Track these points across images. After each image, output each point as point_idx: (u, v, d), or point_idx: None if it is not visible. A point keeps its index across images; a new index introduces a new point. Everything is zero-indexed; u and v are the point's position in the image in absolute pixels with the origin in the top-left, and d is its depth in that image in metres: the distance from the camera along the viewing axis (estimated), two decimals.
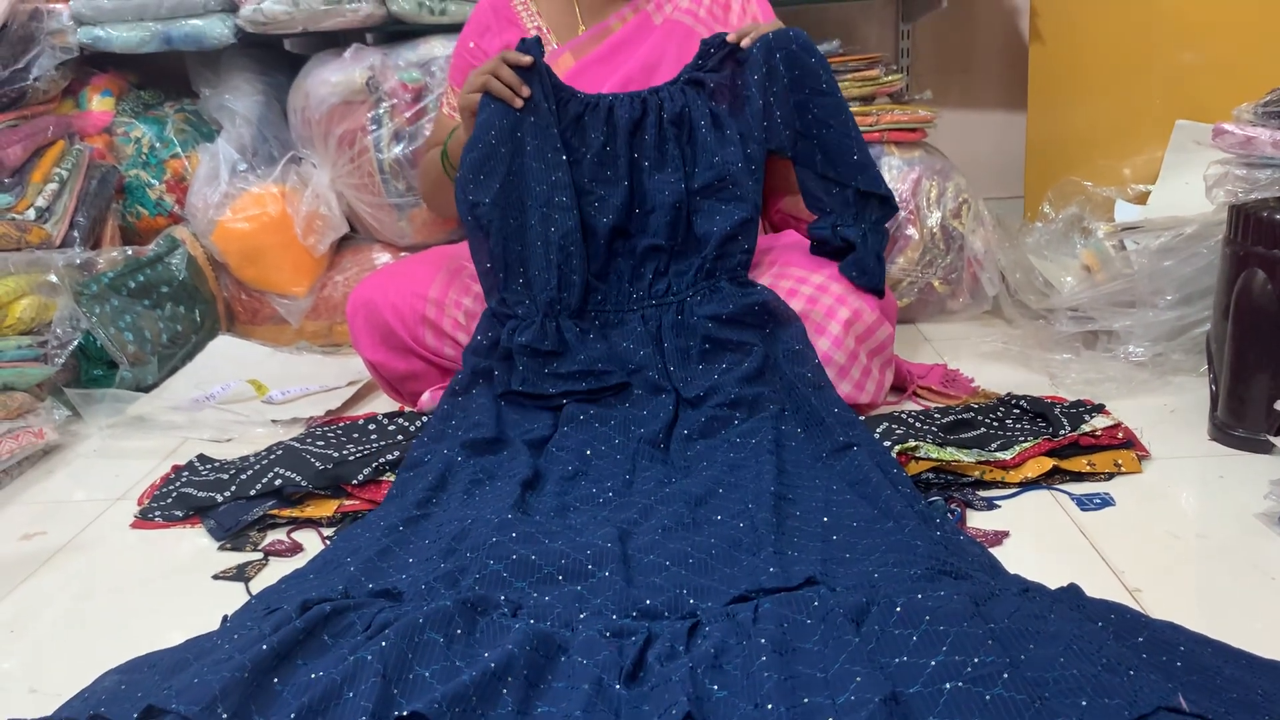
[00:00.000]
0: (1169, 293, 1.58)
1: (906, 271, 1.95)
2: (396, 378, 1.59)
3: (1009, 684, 0.78)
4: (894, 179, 1.94)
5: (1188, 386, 1.54)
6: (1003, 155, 2.40)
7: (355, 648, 0.87)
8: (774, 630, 0.87)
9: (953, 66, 2.43)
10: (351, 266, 2.07)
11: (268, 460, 1.36)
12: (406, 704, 0.80)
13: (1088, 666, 0.80)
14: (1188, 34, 1.80)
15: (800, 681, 0.82)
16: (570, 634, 0.90)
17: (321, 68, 1.97)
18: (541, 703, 0.83)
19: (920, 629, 0.85)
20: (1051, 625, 0.85)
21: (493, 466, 1.29)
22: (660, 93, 1.48)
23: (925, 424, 1.36)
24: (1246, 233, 1.32)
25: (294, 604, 0.93)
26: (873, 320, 1.44)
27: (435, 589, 1.00)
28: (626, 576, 1.00)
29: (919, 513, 1.11)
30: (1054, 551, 1.12)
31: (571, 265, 1.44)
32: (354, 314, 1.57)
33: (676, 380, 1.42)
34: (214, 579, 1.17)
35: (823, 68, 1.43)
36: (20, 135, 1.81)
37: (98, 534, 1.32)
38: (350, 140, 1.95)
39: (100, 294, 1.76)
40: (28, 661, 1.03)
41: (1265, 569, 1.05)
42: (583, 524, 1.14)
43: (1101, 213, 1.80)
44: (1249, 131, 1.44)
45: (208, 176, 2.00)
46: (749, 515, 1.11)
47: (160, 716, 0.80)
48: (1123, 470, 1.28)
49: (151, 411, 1.67)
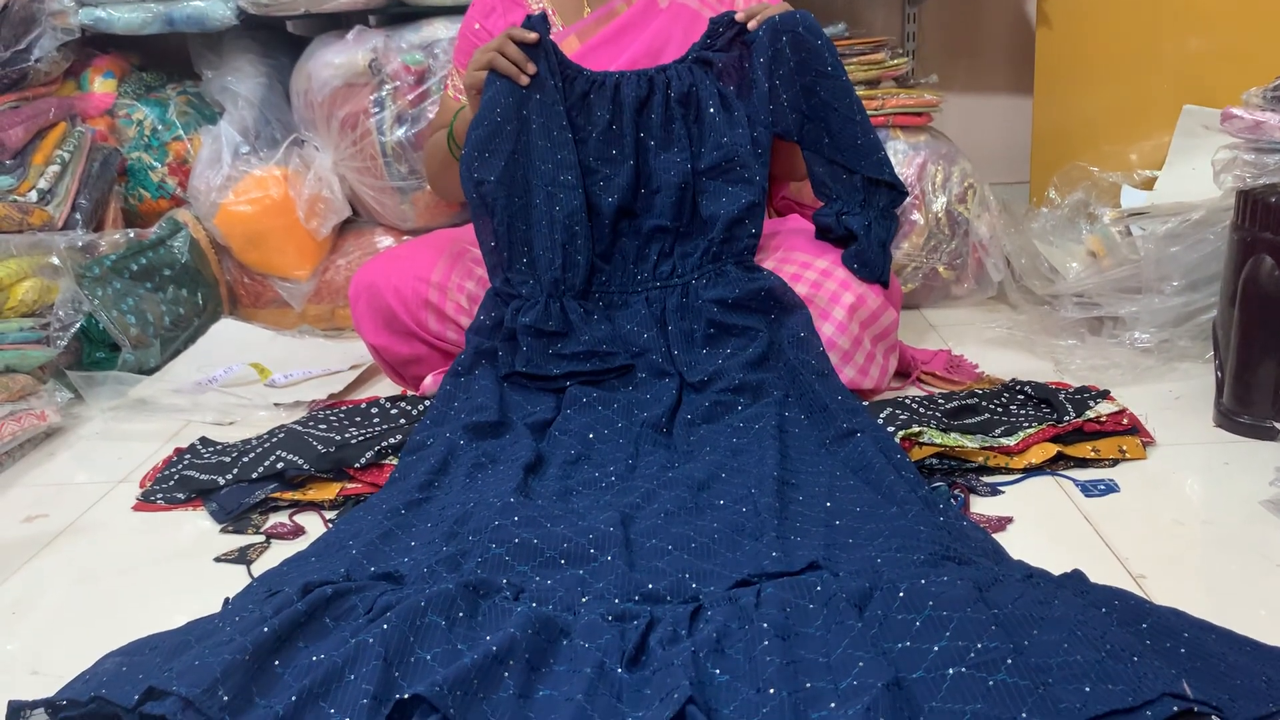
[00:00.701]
0: (1175, 279, 1.57)
1: (911, 256, 1.94)
2: (399, 361, 1.59)
3: (1012, 670, 0.77)
4: (899, 163, 1.93)
5: (1193, 373, 1.53)
6: (1009, 140, 2.38)
7: (357, 630, 0.87)
8: (776, 615, 0.87)
9: (959, 50, 2.42)
10: (354, 250, 2.07)
11: (270, 443, 1.36)
12: (408, 686, 0.80)
13: (1091, 653, 0.79)
14: (1196, 18, 1.78)
15: (802, 666, 0.81)
16: (572, 618, 0.90)
17: (324, 50, 1.96)
18: (543, 686, 0.83)
19: (923, 614, 0.85)
20: (1055, 611, 0.85)
21: (495, 450, 1.29)
22: (667, 71, 1.47)
23: (929, 410, 1.35)
24: (1254, 218, 1.32)
25: (295, 586, 0.93)
26: (877, 305, 1.43)
27: (437, 572, 0.99)
28: (629, 561, 1.00)
29: (922, 498, 1.10)
30: (1058, 538, 1.12)
31: (576, 245, 1.44)
32: (356, 298, 1.56)
33: (680, 364, 1.41)
34: (216, 561, 1.17)
35: (829, 50, 1.42)
36: (22, 117, 1.81)
37: (100, 517, 1.32)
38: (353, 123, 1.94)
39: (102, 277, 1.75)
40: (29, 644, 1.03)
41: (1270, 556, 1.05)
42: (585, 508, 1.14)
43: (1108, 198, 1.80)
44: (1258, 116, 1.43)
45: (210, 159, 2.00)
46: (752, 500, 1.11)
47: (161, 698, 0.80)
48: (1127, 456, 1.27)
49: (154, 394, 1.67)
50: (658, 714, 0.76)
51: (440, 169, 1.64)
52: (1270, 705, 0.78)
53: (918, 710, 0.77)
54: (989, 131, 2.40)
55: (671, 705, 0.76)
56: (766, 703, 0.77)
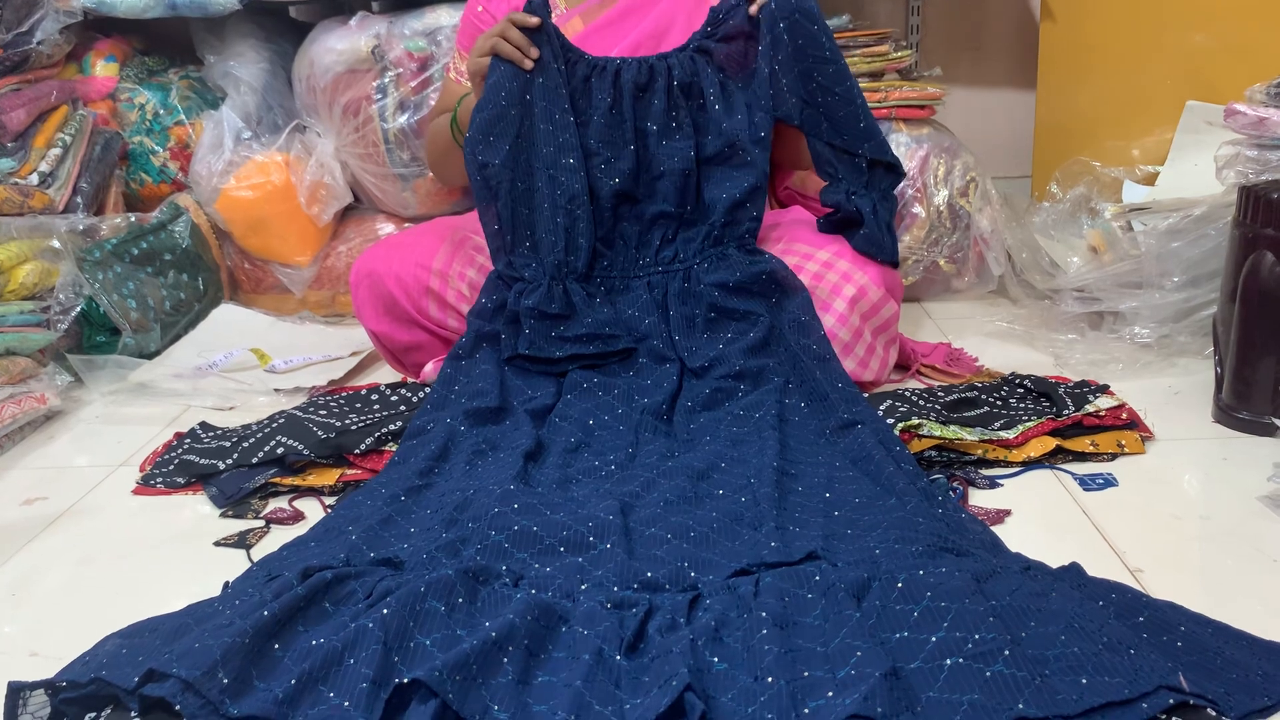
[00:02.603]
0: (1176, 274, 1.57)
1: (912, 250, 1.94)
2: (399, 348, 1.59)
3: (1010, 661, 0.78)
4: (902, 156, 1.93)
5: (1193, 368, 1.54)
6: (1011, 134, 2.38)
7: (356, 615, 0.87)
8: (775, 604, 0.87)
9: (963, 43, 2.41)
10: (355, 237, 2.06)
11: (270, 428, 1.36)
12: (407, 671, 0.80)
13: (1088, 645, 0.80)
14: (1200, 14, 1.78)
15: (800, 655, 0.82)
16: (571, 605, 0.91)
17: (327, 35, 1.95)
18: (542, 672, 0.83)
19: (921, 605, 0.85)
20: (1053, 603, 0.85)
21: (495, 437, 1.29)
22: (669, 59, 1.47)
23: (929, 402, 1.35)
24: (1256, 215, 1.32)
25: (295, 571, 0.93)
26: (878, 297, 1.44)
27: (436, 558, 1.00)
28: (628, 549, 1.00)
29: (921, 490, 1.11)
30: (1056, 531, 1.12)
31: (578, 229, 1.44)
32: (357, 284, 1.56)
33: (681, 350, 1.42)
34: (215, 545, 1.17)
35: (825, 35, 1.42)
36: (23, 100, 1.80)
37: (99, 500, 1.32)
38: (355, 109, 1.94)
39: (103, 260, 1.75)
40: (29, 626, 1.03)
41: (1267, 551, 1.05)
42: (585, 496, 1.14)
43: (1109, 193, 1.80)
44: (1261, 112, 1.43)
45: (212, 144, 1.99)
46: (751, 490, 1.11)
47: (161, 680, 0.80)
48: (1126, 451, 1.27)
49: (154, 379, 1.67)
50: (655, 700, 0.76)
51: (442, 154, 1.64)
52: (1265, 699, 0.78)
53: (915, 700, 0.77)
54: (992, 125, 2.40)
55: (670, 692, 0.76)
56: (764, 691, 0.78)
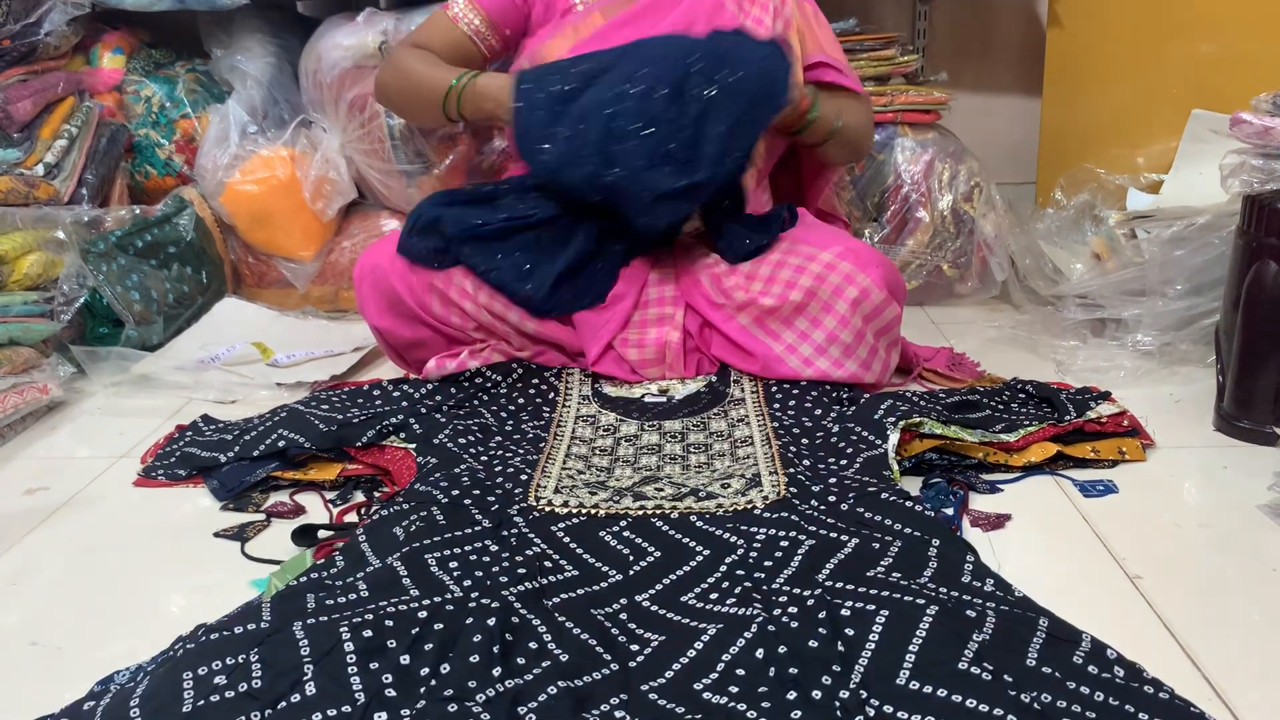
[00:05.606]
0: (1179, 282, 1.57)
1: (916, 254, 1.94)
2: (403, 345, 1.59)
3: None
4: (907, 160, 1.93)
5: (1194, 377, 1.54)
6: (1017, 140, 2.38)
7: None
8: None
9: (969, 49, 2.42)
10: (359, 232, 2.06)
11: (272, 422, 1.36)
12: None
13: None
14: (1206, 23, 1.78)
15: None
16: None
17: (334, 31, 1.95)
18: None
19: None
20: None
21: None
22: None
23: (930, 404, 1.35)
24: (1260, 224, 1.32)
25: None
26: (880, 300, 1.43)
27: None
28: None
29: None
30: (1055, 537, 1.12)
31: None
32: (361, 280, 1.56)
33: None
34: (215, 537, 1.17)
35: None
36: (30, 90, 1.80)
37: (100, 491, 1.32)
38: (361, 105, 1.94)
39: (107, 252, 1.75)
40: (29, 616, 1.03)
41: (1266, 560, 1.05)
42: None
43: (1113, 201, 1.80)
44: (1267, 122, 1.43)
45: (217, 138, 1.99)
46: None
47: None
48: (1127, 458, 1.28)
49: (156, 371, 1.67)
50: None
51: (411, 100, 1.64)
52: None
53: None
54: (997, 131, 2.40)
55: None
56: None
